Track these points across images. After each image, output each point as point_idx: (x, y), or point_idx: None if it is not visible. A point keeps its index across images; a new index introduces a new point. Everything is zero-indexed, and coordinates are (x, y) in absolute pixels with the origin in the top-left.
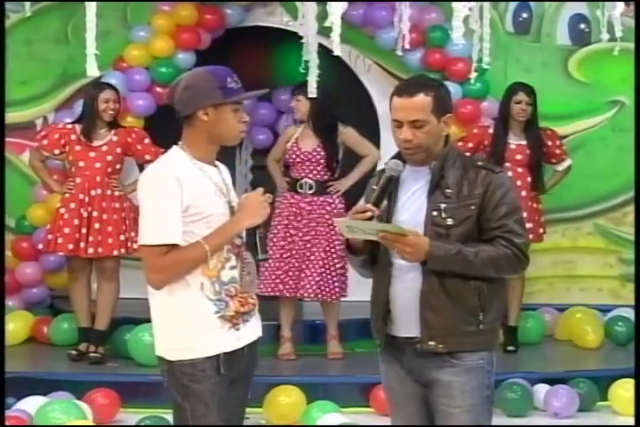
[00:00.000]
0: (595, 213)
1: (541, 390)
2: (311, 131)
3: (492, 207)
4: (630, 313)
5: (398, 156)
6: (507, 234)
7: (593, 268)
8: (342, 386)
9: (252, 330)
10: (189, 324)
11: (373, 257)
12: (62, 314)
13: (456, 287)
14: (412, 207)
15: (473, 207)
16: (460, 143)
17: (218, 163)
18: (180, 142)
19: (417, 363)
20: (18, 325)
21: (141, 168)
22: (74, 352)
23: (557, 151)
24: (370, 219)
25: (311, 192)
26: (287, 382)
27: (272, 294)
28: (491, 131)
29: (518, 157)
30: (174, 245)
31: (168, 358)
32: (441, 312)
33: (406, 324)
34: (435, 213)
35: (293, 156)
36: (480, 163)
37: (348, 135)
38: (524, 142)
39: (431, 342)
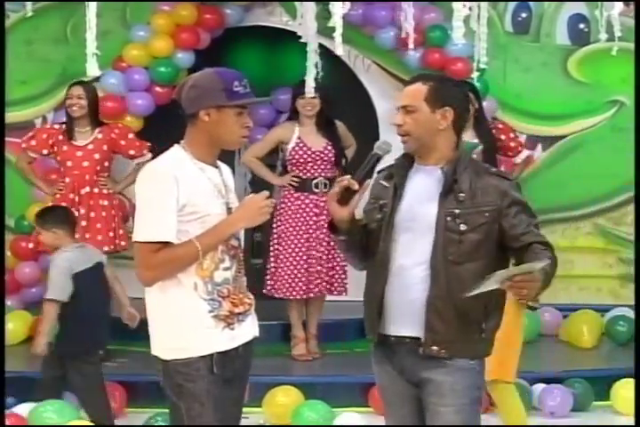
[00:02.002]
0: (594, 212)
1: (540, 389)
2: (314, 129)
3: (513, 213)
4: (630, 313)
5: (405, 155)
6: (539, 238)
7: (592, 268)
8: (341, 386)
9: (248, 330)
10: (183, 323)
11: (362, 246)
12: None
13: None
14: (420, 208)
15: (487, 214)
16: None
17: (220, 163)
18: (181, 141)
19: (409, 362)
20: (17, 324)
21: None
22: None
23: (512, 144)
24: (353, 193)
25: (326, 190)
26: (285, 382)
27: (300, 296)
28: None
29: (474, 156)
30: (167, 243)
31: (163, 357)
32: (447, 318)
33: (400, 323)
34: (449, 218)
35: (304, 156)
36: (493, 169)
37: (342, 128)
38: (476, 140)
39: (434, 347)
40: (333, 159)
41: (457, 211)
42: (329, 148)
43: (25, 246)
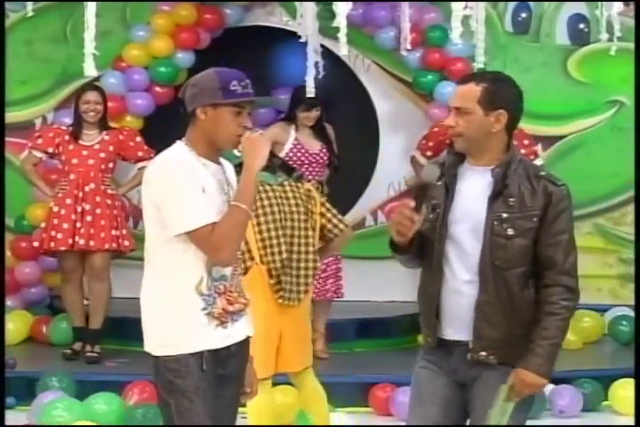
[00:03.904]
0: (594, 212)
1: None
2: (310, 131)
3: (550, 221)
4: (630, 313)
5: (450, 156)
6: (563, 277)
7: (592, 268)
8: (342, 386)
9: (241, 329)
10: (175, 320)
11: (420, 254)
12: (61, 314)
13: (511, 300)
14: (472, 211)
15: (535, 219)
16: (422, 142)
17: (222, 160)
18: (183, 138)
19: (463, 364)
20: (17, 324)
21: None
22: (69, 351)
23: (524, 151)
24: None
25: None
26: (287, 382)
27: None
28: None
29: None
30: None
31: (154, 353)
32: (495, 323)
33: (456, 327)
34: (496, 222)
35: (302, 158)
36: (543, 173)
37: (331, 131)
38: None
39: (482, 353)
40: (327, 162)
41: (505, 215)
42: (324, 150)
43: (25, 246)
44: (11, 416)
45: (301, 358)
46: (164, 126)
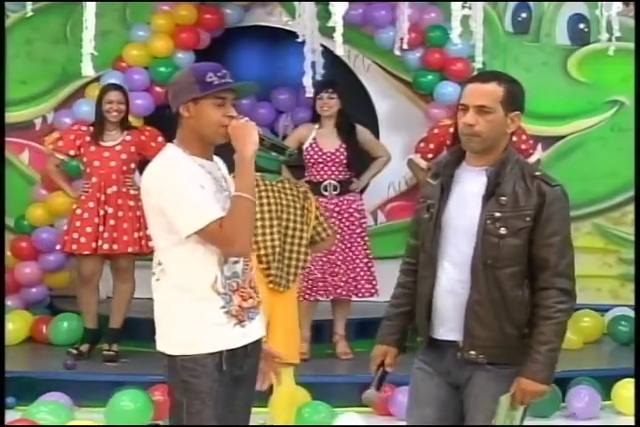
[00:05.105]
0: (594, 212)
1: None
2: (333, 131)
3: (543, 221)
4: (631, 313)
5: (448, 156)
6: (557, 279)
7: (592, 268)
8: (342, 386)
9: (257, 328)
10: (195, 319)
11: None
12: (61, 314)
13: (504, 299)
14: (466, 211)
15: (528, 219)
16: (421, 144)
17: (215, 157)
18: (174, 140)
19: (456, 365)
20: (17, 324)
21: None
22: (74, 351)
23: (523, 146)
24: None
25: (336, 193)
26: None
27: (320, 298)
28: (452, 130)
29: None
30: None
31: (170, 352)
32: (486, 323)
33: (448, 327)
34: (489, 221)
35: (315, 156)
36: (538, 173)
37: (365, 135)
38: None
39: (472, 352)
40: (345, 161)
41: (497, 214)
42: (341, 149)
43: (25, 246)
44: (10, 416)
45: (287, 350)
46: (164, 126)
